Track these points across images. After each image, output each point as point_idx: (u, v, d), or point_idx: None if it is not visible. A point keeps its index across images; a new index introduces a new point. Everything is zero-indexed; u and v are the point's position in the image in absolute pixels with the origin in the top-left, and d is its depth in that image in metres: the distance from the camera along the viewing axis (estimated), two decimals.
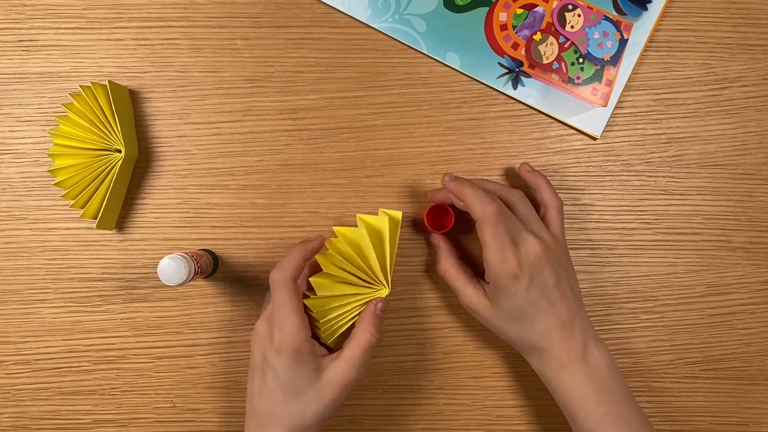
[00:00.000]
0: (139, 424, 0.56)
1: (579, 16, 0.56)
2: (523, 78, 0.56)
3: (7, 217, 0.55)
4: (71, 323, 0.55)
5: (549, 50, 0.56)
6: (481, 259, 0.49)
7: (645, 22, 0.56)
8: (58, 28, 0.55)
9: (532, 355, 0.49)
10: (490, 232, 0.47)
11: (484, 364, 0.56)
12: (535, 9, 0.55)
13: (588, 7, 0.56)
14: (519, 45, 0.56)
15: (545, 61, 0.56)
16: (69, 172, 0.52)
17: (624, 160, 0.56)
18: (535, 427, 0.57)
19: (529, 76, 0.56)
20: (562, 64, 0.56)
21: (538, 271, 0.47)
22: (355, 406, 0.56)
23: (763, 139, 0.57)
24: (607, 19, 0.56)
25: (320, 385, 0.45)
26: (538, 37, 0.56)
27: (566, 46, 0.56)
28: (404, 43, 0.55)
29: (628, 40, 0.56)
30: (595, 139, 0.56)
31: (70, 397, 0.55)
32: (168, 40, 0.55)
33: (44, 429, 0.56)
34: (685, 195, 0.57)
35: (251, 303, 0.56)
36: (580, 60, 0.56)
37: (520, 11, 0.55)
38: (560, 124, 0.56)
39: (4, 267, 0.55)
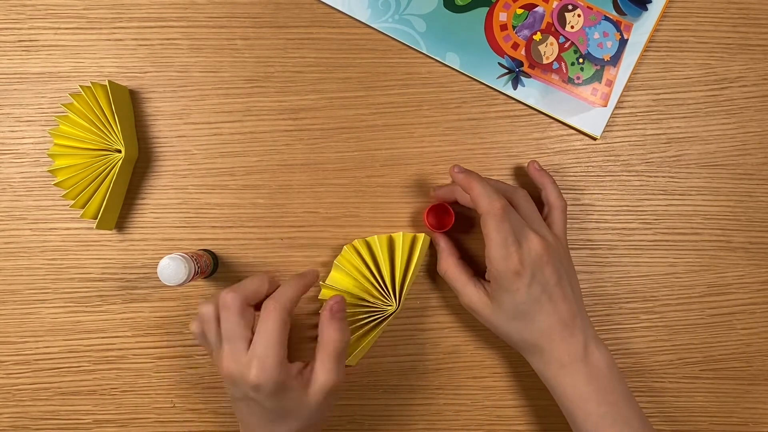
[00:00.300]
0: (139, 424, 0.56)
1: (579, 16, 0.56)
2: (523, 78, 0.56)
3: (7, 217, 0.55)
4: (71, 323, 0.55)
5: (549, 50, 0.56)
6: (482, 259, 0.49)
7: (645, 22, 0.56)
8: (58, 28, 0.55)
9: (533, 354, 0.49)
10: (494, 226, 0.47)
11: (484, 364, 0.56)
12: (535, 9, 0.55)
13: (588, 7, 0.56)
14: (519, 45, 0.56)
15: (545, 61, 0.56)
16: (69, 172, 0.52)
17: (624, 160, 0.56)
18: (535, 427, 0.57)
19: (529, 76, 0.56)
20: (562, 64, 0.56)
21: (540, 269, 0.47)
22: (355, 406, 0.56)
23: (763, 139, 0.57)
24: (607, 19, 0.56)
25: (307, 401, 0.45)
26: (538, 37, 0.56)
27: (566, 46, 0.56)
28: (404, 43, 0.55)
29: (628, 40, 0.56)
30: (595, 139, 0.56)
31: (70, 397, 0.55)
32: (168, 40, 0.55)
33: (44, 429, 0.56)
34: (685, 195, 0.57)
35: None
36: (580, 60, 0.56)
37: (520, 11, 0.55)
38: (560, 124, 0.56)
39: (4, 267, 0.55)
